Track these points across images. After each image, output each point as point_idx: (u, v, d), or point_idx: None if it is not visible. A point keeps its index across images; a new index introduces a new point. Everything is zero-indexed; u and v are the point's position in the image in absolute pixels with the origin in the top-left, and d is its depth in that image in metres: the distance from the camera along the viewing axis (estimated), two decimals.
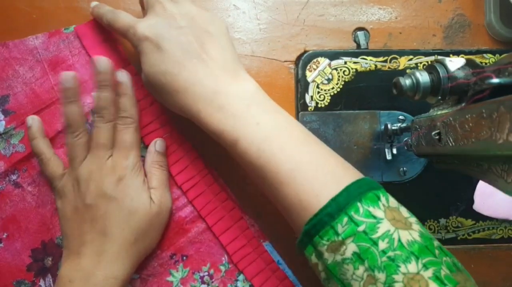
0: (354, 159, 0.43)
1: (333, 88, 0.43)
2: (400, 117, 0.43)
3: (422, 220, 0.43)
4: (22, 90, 0.41)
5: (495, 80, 0.25)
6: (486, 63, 0.44)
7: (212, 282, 0.40)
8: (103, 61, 0.37)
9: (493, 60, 0.44)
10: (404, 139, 0.40)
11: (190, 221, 0.41)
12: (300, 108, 0.43)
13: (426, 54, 0.44)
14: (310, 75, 0.43)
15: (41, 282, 0.40)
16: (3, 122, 0.41)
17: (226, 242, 0.40)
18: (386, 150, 0.42)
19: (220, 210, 0.41)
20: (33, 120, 0.39)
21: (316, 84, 0.43)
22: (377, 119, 0.43)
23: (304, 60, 0.43)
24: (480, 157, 0.27)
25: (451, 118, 0.29)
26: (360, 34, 0.44)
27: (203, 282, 0.40)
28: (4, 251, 0.40)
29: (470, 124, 0.26)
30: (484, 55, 0.44)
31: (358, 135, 0.43)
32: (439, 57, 0.42)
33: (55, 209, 0.39)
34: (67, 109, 0.37)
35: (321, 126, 0.43)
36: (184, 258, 0.41)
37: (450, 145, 0.29)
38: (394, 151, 0.42)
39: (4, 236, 0.40)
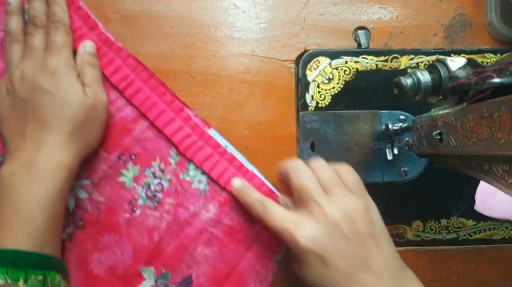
0: (355, 159, 0.43)
1: (333, 88, 0.43)
2: (401, 117, 0.43)
3: (423, 220, 0.43)
4: None
5: (496, 80, 0.25)
6: (487, 63, 0.44)
7: (164, 175, 0.41)
8: None
9: (494, 59, 0.44)
10: (405, 139, 0.40)
11: (132, 120, 0.41)
12: (300, 108, 0.43)
13: (427, 53, 0.44)
14: (310, 75, 0.43)
15: None
16: None
17: (171, 134, 0.41)
18: (387, 150, 0.42)
19: (160, 104, 0.41)
20: None
21: (317, 83, 0.43)
22: (378, 119, 0.43)
23: (304, 59, 0.43)
24: (481, 157, 0.27)
25: (452, 118, 0.29)
26: (361, 33, 0.44)
27: (155, 177, 0.41)
28: None
29: (471, 124, 0.26)
30: (485, 54, 0.44)
31: (358, 135, 0.43)
32: (440, 56, 0.42)
33: None
34: (9, 19, 0.39)
35: (321, 126, 0.43)
36: (133, 157, 0.41)
37: (451, 145, 0.29)
38: (395, 151, 0.42)
39: None
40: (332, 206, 0.33)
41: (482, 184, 0.43)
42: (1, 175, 0.35)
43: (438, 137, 0.31)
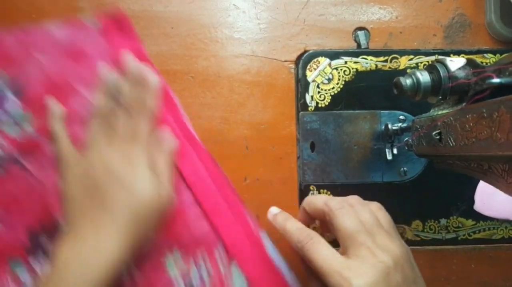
0: (355, 159, 0.43)
1: (333, 88, 0.43)
2: (401, 117, 0.43)
3: (422, 220, 0.43)
4: (37, 74, 0.41)
5: (496, 80, 0.25)
6: (486, 63, 0.44)
7: (208, 268, 0.41)
8: (135, 62, 0.40)
9: (494, 60, 0.44)
10: (405, 139, 0.40)
11: (195, 218, 0.41)
12: (300, 108, 0.43)
13: (427, 54, 0.44)
14: (310, 75, 0.43)
15: (34, 262, 0.40)
16: (17, 107, 0.41)
17: (225, 234, 0.40)
18: (387, 150, 0.42)
19: (223, 206, 0.41)
20: (54, 104, 0.41)
21: (317, 84, 0.43)
22: (378, 119, 0.43)
23: (304, 60, 0.43)
24: (481, 157, 0.27)
25: (451, 118, 0.29)
26: (361, 33, 0.44)
27: (198, 268, 0.41)
28: (2, 227, 0.40)
29: (471, 124, 0.26)
30: (485, 55, 0.44)
31: (358, 135, 0.43)
32: (440, 57, 0.42)
33: (58, 193, 0.40)
34: (101, 97, 0.40)
35: (321, 126, 0.43)
36: (180, 248, 0.41)
37: (451, 144, 0.29)
38: (395, 151, 0.42)
39: (3, 213, 0.40)
40: (383, 252, 0.33)
41: (481, 183, 0.43)
42: (57, 256, 0.35)
43: (438, 137, 0.31)
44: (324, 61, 0.43)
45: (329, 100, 0.43)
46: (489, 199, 0.43)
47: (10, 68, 0.41)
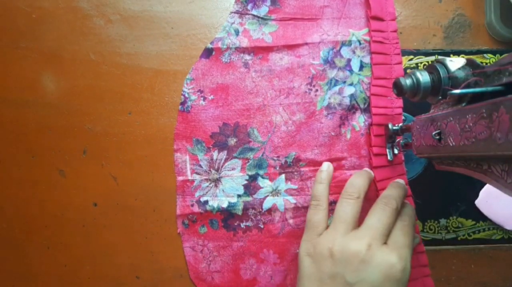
0: None
1: None
2: None
3: (422, 220, 0.43)
4: None
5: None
6: (486, 63, 0.44)
7: None
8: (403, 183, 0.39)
9: (494, 60, 0.44)
10: (405, 140, 0.40)
11: None
12: None
13: (427, 54, 0.44)
14: None
15: (215, 153, 0.42)
16: (267, 8, 0.43)
17: None
18: (387, 150, 0.42)
19: None
20: (329, 167, 0.41)
21: None
22: None
23: None
24: (480, 157, 0.27)
25: (451, 118, 0.29)
26: None
27: None
28: (202, 109, 0.43)
29: (470, 124, 0.26)
30: (485, 55, 0.44)
31: None
32: (440, 57, 0.42)
33: (263, 105, 0.42)
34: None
35: None
36: None
37: (451, 144, 0.29)
38: (395, 151, 0.42)
39: (210, 98, 0.43)
40: None
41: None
42: None
43: (438, 137, 0.31)
44: None
45: None
46: (492, 199, 0.43)
47: None
